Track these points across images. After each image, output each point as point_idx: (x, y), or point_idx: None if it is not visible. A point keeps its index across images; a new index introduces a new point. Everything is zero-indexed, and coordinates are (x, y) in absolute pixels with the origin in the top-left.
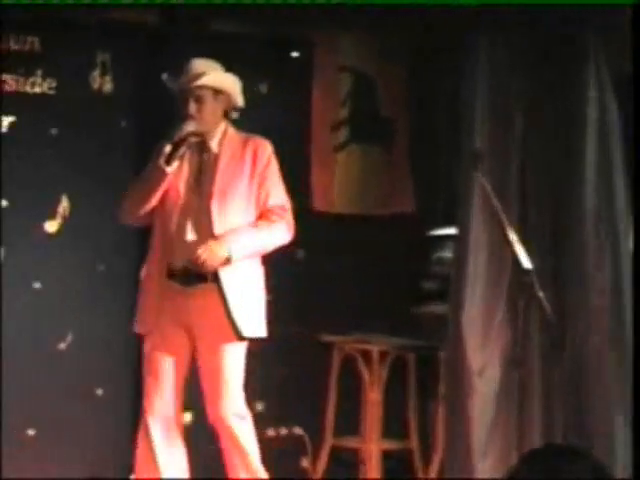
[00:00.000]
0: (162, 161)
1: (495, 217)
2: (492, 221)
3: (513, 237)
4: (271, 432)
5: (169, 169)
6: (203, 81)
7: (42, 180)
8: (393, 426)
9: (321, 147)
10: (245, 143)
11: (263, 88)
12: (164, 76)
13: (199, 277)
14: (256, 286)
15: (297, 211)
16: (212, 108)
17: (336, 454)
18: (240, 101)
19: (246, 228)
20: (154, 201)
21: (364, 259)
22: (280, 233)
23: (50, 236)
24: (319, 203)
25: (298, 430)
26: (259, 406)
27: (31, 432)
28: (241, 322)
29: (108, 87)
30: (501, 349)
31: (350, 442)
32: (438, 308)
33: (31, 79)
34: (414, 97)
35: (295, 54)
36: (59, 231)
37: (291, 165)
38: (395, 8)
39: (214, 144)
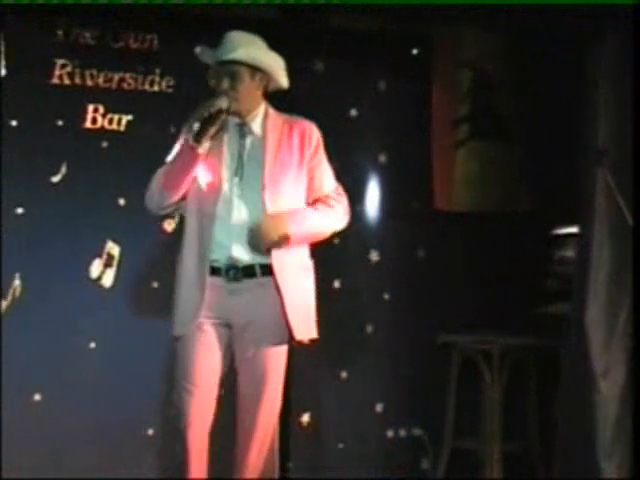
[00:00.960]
0: (192, 139)
1: (619, 214)
2: (616, 218)
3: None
4: (390, 433)
5: (200, 149)
6: (236, 55)
7: None
8: (514, 427)
9: (441, 144)
10: (291, 126)
11: (382, 85)
12: (198, 49)
13: (246, 272)
14: (308, 283)
15: (417, 210)
16: (248, 87)
17: (456, 456)
18: (284, 82)
19: (305, 209)
20: (185, 185)
21: (484, 258)
22: (339, 217)
23: (168, 235)
24: (439, 201)
25: (418, 431)
26: (378, 407)
27: (150, 432)
28: (295, 322)
29: None
30: (626, 349)
31: (470, 443)
32: (560, 308)
33: (149, 77)
34: (534, 93)
35: (415, 51)
36: (177, 230)
37: (411, 163)
38: (515, 5)
39: (256, 127)
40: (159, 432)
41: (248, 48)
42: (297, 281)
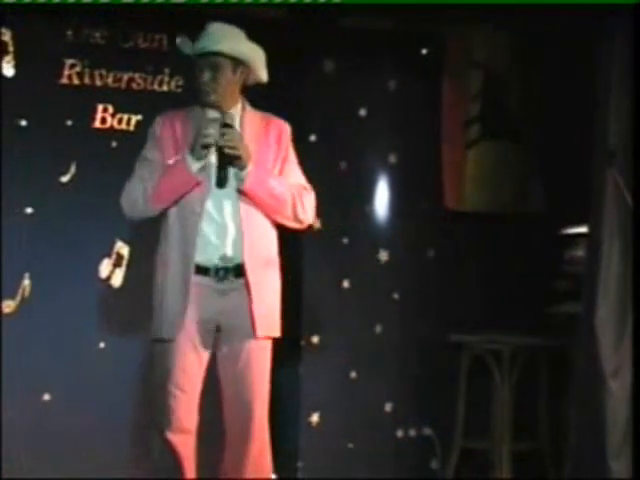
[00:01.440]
0: (197, 174)
1: (628, 214)
2: (625, 218)
3: None
4: (400, 433)
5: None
6: (219, 48)
7: None
8: (524, 427)
9: (452, 144)
10: (267, 123)
11: (392, 85)
12: (178, 40)
13: (236, 272)
14: (276, 282)
15: (427, 210)
16: (229, 79)
17: (466, 456)
18: (264, 76)
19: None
20: (177, 199)
21: (495, 258)
22: (303, 203)
23: None
24: (449, 201)
25: (427, 431)
26: (388, 407)
27: None
28: (261, 320)
29: None
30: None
31: (480, 443)
32: (570, 307)
33: (159, 77)
34: (546, 93)
35: (425, 51)
36: None
37: (421, 163)
38: (525, 5)
39: (235, 122)
40: None
41: (231, 40)
42: (265, 279)
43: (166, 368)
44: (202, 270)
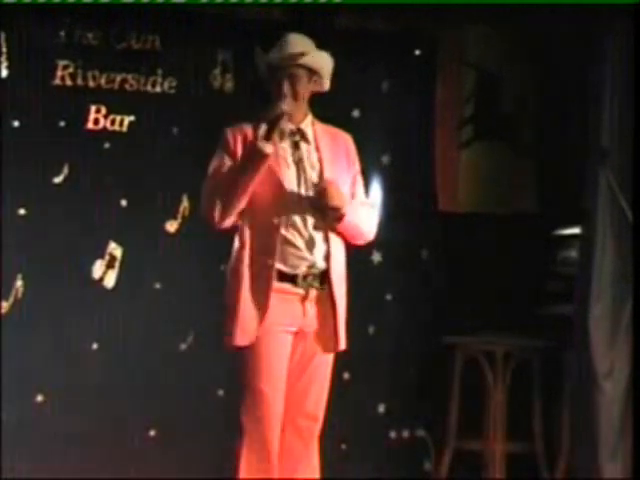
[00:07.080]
0: (261, 142)
1: (622, 215)
2: (618, 219)
3: None
4: (393, 434)
5: (268, 149)
6: (303, 61)
7: (163, 180)
8: (517, 428)
9: (445, 145)
10: (334, 136)
11: (385, 86)
12: (257, 50)
13: (321, 279)
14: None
15: (420, 211)
16: (305, 90)
17: (459, 457)
18: (327, 85)
19: (361, 203)
20: (251, 191)
21: (488, 259)
22: (375, 220)
23: (171, 236)
24: (443, 202)
25: (421, 432)
26: (381, 408)
27: (152, 433)
28: (342, 333)
29: (229, 86)
30: (629, 350)
31: (474, 444)
32: (564, 309)
33: (152, 78)
34: (539, 93)
35: (418, 52)
36: (179, 231)
37: (414, 164)
38: (519, 5)
39: (309, 133)
40: (161, 433)
41: (312, 53)
42: (343, 291)
43: (257, 372)
44: (289, 277)
